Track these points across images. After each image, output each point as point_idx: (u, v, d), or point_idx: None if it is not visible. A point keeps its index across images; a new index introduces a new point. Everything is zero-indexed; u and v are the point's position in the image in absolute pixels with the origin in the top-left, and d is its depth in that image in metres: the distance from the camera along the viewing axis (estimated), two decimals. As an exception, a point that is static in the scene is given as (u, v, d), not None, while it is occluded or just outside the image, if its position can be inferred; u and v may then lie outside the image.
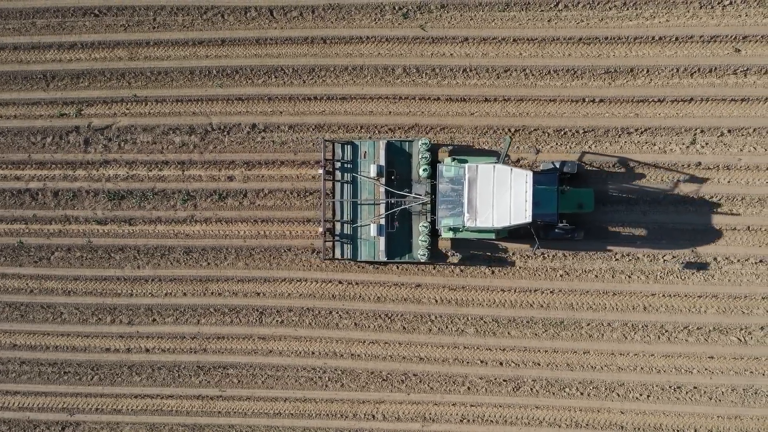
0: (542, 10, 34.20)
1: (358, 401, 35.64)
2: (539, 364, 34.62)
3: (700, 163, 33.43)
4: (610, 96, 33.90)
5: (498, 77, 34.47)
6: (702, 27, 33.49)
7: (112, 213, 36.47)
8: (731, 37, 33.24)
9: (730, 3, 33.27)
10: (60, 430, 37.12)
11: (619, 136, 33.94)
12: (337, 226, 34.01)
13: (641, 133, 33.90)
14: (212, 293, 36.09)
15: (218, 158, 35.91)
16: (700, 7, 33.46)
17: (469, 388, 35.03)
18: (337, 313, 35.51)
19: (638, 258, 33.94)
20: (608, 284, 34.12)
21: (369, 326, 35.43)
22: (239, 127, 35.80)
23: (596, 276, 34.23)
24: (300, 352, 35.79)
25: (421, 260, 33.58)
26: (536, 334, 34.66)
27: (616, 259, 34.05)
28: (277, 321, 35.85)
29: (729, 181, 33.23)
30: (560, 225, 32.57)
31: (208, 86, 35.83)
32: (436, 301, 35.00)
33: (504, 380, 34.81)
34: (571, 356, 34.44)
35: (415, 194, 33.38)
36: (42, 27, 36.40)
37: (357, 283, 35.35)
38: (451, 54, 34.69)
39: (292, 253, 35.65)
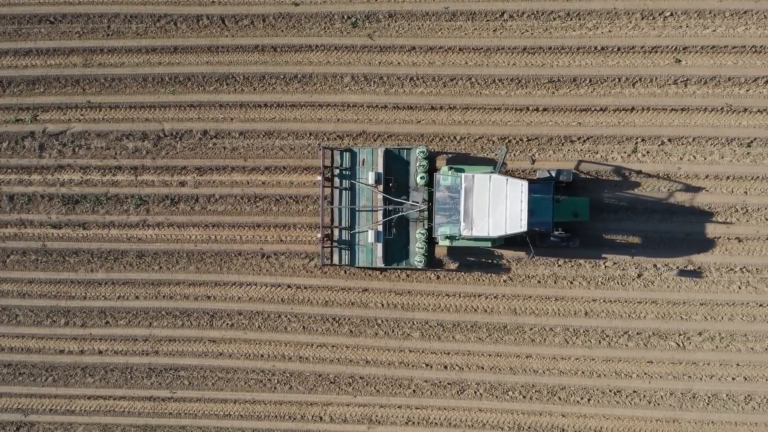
0: (488, 20, 33.02)
1: (306, 403, 34.28)
2: (483, 368, 33.31)
3: (641, 171, 32.79)
4: (554, 105, 32.64)
5: (444, 85, 33.25)
6: (643, 38, 32.26)
7: (67, 217, 35.09)
8: (672, 47, 31.98)
9: (671, 14, 32.26)
10: (15, 430, 35.59)
11: (563, 144, 33.03)
12: (335, 232, 32.63)
13: (584, 141, 32.84)
14: (164, 296, 34.72)
15: (170, 164, 34.47)
16: (642, 18, 32.43)
17: (414, 390, 33.77)
18: (286, 316, 34.20)
19: (580, 264, 33.06)
20: (550, 290, 32.86)
21: (317, 330, 34.12)
22: (191, 133, 34.45)
23: (539, 281, 33.14)
24: (249, 355, 34.40)
25: (418, 267, 32.00)
26: (480, 339, 33.48)
27: (559, 265, 33.04)
28: (227, 324, 34.55)
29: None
30: (556, 233, 31.26)
31: (160, 93, 34.49)
32: (383, 305, 33.70)
33: (448, 383, 33.55)
34: (514, 360, 33.19)
35: (413, 201, 31.90)
36: (-2, 33, 35.55)
37: (305, 287, 33.98)
38: (399, 62, 33.38)
39: (243, 258, 34.31)
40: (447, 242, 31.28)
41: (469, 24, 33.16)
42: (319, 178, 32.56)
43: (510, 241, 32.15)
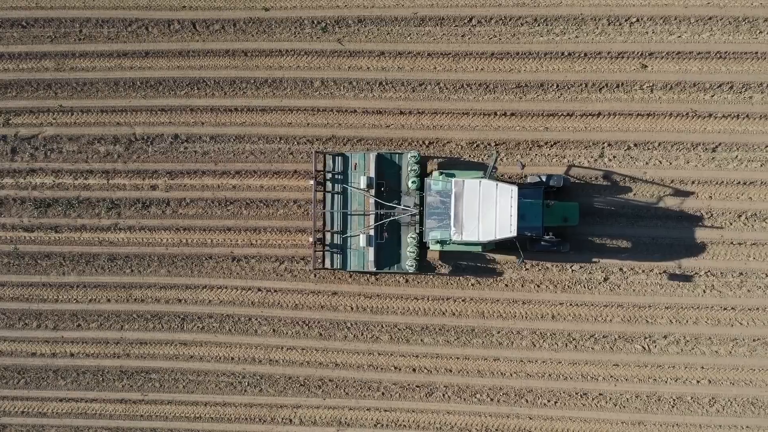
0: (456, 26, 32.69)
1: (276, 406, 33.94)
2: (451, 371, 33.07)
3: (607, 176, 32.73)
4: (521, 110, 32.41)
5: (413, 90, 33.02)
6: (610, 43, 32.04)
7: (39, 220, 34.68)
8: (638, 53, 31.76)
9: (637, 20, 32.13)
10: (-13, 432, 35.97)
11: (530, 149, 32.87)
12: (327, 236, 32.10)
13: (551, 146, 32.63)
14: (135, 299, 34.35)
15: (142, 168, 34.12)
16: (609, 24, 32.24)
17: (383, 393, 33.48)
18: (256, 319, 33.87)
19: (547, 268, 32.93)
20: (518, 293, 32.67)
21: (287, 333, 33.80)
22: (162, 137, 34.10)
23: (506, 285, 32.91)
24: (220, 358, 34.06)
25: (410, 271, 31.61)
26: (448, 342, 33.21)
27: (526, 269, 33.04)
28: (198, 327, 34.20)
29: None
30: (546, 238, 30.91)
31: (132, 97, 34.06)
32: (352, 308, 33.49)
33: (417, 386, 33.28)
34: (481, 363, 32.95)
35: (404, 206, 31.46)
36: (-29, 38, 35.20)
37: (275, 291, 33.61)
38: (368, 67, 33.03)
39: (213, 261, 33.94)
40: (438, 247, 30.95)
41: (437, 29, 32.98)
42: (312, 182, 32.11)
43: (501, 246, 31.67)
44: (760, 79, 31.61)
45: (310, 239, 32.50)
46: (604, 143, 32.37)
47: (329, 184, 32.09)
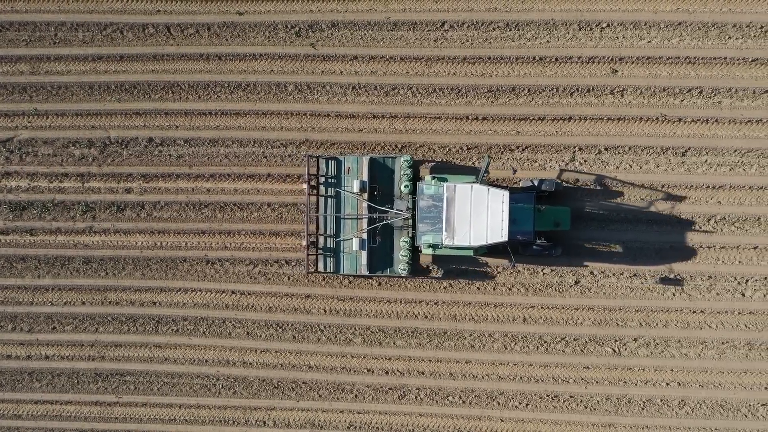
0: (429, 30, 32.73)
1: (249, 408, 33.82)
2: (423, 373, 32.98)
3: (578, 180, 32.77)
4: (493, 114, 32.35)
5: (386, 94, 32.97)
6: (581, 48, 32.08)
7: (14, 223, 34.59)
8: (608, 58, 31.71)
9: (608, 25, 32.18)
10: (-38, 434, 35.87)
11: (502, 153, 32.83)
12: (320, 239, 31.84)
13: (523, 150, 32.65)
14: (110, 302, 34.16)
15: (116, 171, 33.99)
16: (579, 29, 32.25)
17: (356, 395, 33.43)
18: (230, 322, 33.84)
19: (519, 271, 33.03)
20: (489, 296, 32.60)
21: (261, 335, 33.76)
22: (137, 140, 34.01)
23: (478, 288, 32.85)
24: (194, 360, 33.94)
25: (402, 275, 31.40)
26: (420, 344, 33.20)
27: (498, 272, 33.24)
28: (172, 330, 34.14)
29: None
30: (537, 242, 30.78)
31: (106, 100, 33.93)
32: (325, 311, 33.45)
33: (390, 388, 33.27)
34: (453, 366, 32.88)
35: (397, 210, 31.23)
36: (-54, 41, 35.07)
37: (249, 294, 33.54)
38: (341, 71, 33.03)
39: (188, 264, 33.86)
40: (430, 251, 30.80)
41: (410, 34, 32.99)
42: (305, 186, 31.89)
43: (493, 250, 31.52)
44: (729, 84, 31.63)
45: (304, 243, 32.29)
46: (575, 147, 32.41)
47: (322, 188, 31.91)
